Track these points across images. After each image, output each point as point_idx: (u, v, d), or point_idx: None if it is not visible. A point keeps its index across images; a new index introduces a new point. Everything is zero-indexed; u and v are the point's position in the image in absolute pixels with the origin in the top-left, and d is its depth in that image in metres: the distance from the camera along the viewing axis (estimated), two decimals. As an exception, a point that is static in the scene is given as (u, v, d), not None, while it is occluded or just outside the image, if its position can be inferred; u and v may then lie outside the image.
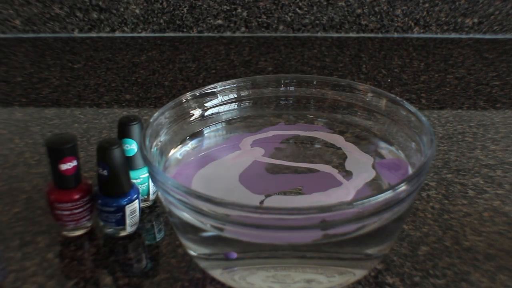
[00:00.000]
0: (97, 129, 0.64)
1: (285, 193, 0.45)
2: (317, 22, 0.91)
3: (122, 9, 0.90)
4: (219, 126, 0.51)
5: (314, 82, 0.52)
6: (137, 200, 0.47)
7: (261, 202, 0.44)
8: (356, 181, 0.45)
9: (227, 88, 0.51)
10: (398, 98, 0.48)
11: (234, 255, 0.39)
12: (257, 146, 0.50)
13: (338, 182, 0.45)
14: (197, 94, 0.49)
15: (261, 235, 0.37)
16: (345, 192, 0.44)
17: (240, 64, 0.82)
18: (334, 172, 0.47)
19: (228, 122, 0.52)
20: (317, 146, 0.50)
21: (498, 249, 0.46)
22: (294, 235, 0.37)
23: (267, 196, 0.44)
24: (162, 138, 0.46)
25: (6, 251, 0.46)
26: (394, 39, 0.91)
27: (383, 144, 0.49)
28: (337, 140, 0.50)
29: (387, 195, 0.36)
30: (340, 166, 0.47)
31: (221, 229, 0.38)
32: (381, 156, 0.48)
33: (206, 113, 0.50)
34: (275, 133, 0.51)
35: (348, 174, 0.46)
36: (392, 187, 0.36)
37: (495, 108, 0.69)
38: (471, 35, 0.92)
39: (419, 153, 0.44)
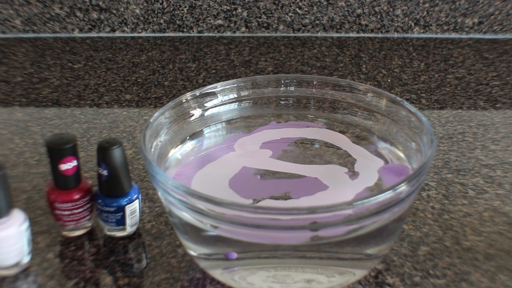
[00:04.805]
0: (97, 129, 0.64)
1: (274, 198, 0.45)
2: (317, 22, 0.91)
3: (122, 9, 0.90)
4: (219, 126, 0.51)
5: (314, 82, 0.52)
6: (137, 200, 0.47)
7: None
8: (356, 184, 0.45)
9: (227, 88, 0.51)
10: (398, 98, 0.48)
11: (234, 255, 0.39)
12: (265, 148, 0.49)
13: (324, 186, 0.45)
14: (197, 94, 0.49)
15: (261, 235, 0.37)
16: (335, 195, 0.44)
17: (240, 64, 0.82)
18: (326, 176, 0.46)
19: (228, 122, 0.52)
20: (317, 146, 0.50)
21: (498, 249, 0.46)
22: (295, 235, 0.37)
23: (256, 201, 0.44)
24: (162, 138, 0.46)
25: (6, 251, 0.46)
26: (394, 39, 0.91)
27: (383, 144, 0.49)
28: (342, 141, 0.50)
29: (387, 195, 0.36)
30: (346, 166, 0.47)
31: (217, 227, 0.38)
32: (381, 156, 0.48)
33: (206, 113, 0.50)
34: (268, 132, 0.51)
35: (354, 175, 0.46)
36: (392, 187, 0.36)
37: (495, 108, 0.69)
38: (471, 35, 0.92)
39: (419, 153, 0.44)
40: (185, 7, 0.90)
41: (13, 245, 0.43)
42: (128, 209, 0.46)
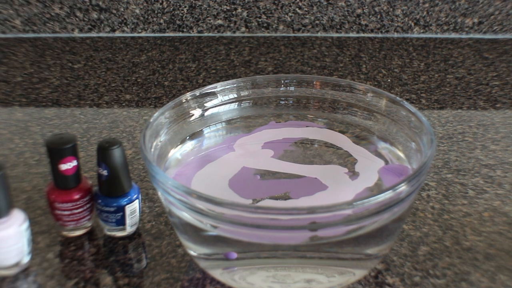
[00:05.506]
0: (97, 129, 0.64)
1: (274, 198, 0.45)
2: (317, 22, 0.91)
3: (122, 9, 0.90)
4: (219, 126, 0.51)
5: (314, 82, 0.52)
6: (137, 200, 0.47)
7: None
8: (356, 184, 0.45)
9: (227, 88, 0.51)
10: (398, 98, 0.48)
11: (234, 255, 0.39)
12: (267, 148, 0.49)
13: (324, 186, 0.45)
14: (197, 94, 0.50)
15: (261, 235, 0.37)
16: (335, 195, 0.44)
17: (240, 64, 0.82)
18: (326, 176, 0.46)
19: (228, 122, 0.52)
20: (316, 146, 0.50)
21: (498, 249, 0.46)
22: (294, 235, 0.37)
23: (256, 201, 0.44)
24: (162, 138, 0.46)
25: (6, 251, 0.46)
26: (394, 39, 0.91)
27: (383, 144, 0.49)
28: (342, 141, 0.50)
29: (387, 195, 0.36)
30: (346, 166, 0.47)
31: (217, 227, 0.38)
32: (381, 156, 0.48)
33: (206, 113, 0.50)
34: (267, 132, 0.51)
35: (354, 175, 0.46)
36: (392, 187, 0.36)
37: (495, 108, 0.69)
38: (471, 35, 0.92)
39: (419, 153, 0.44)
40: (185, 7, 0.90)
41: (13, 245, 0.43)
42: (128, 209, 0.46)
